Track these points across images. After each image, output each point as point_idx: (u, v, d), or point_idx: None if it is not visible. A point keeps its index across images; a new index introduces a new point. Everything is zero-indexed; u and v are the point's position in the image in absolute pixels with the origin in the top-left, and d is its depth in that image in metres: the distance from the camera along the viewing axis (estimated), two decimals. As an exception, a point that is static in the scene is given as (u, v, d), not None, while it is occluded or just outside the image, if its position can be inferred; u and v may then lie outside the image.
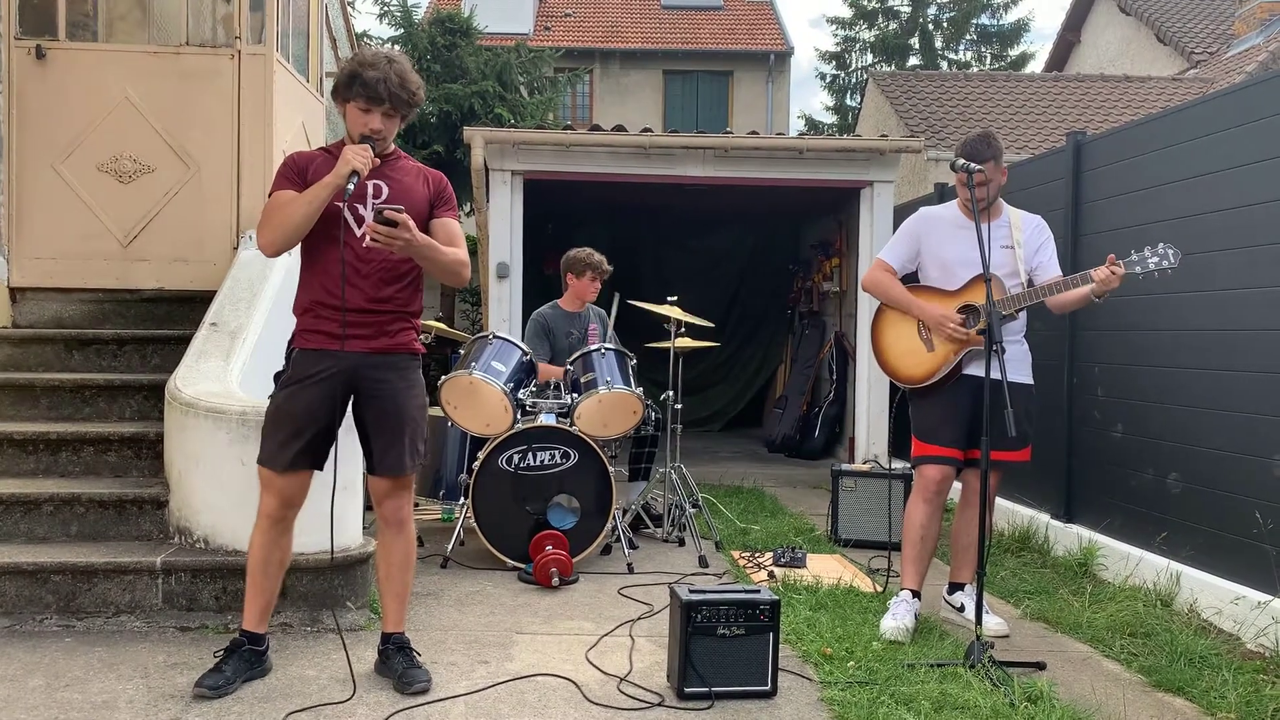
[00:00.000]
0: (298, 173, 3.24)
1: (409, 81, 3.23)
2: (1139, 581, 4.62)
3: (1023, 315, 4.16)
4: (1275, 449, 3.96)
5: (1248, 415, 4.12)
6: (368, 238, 3.11)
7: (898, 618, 4.00)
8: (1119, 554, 4.85)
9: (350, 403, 3.33)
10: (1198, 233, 4.47)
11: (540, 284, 9.42)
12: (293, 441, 3.23)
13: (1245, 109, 4.22)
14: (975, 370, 4.04)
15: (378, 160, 3.22)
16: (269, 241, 3.19)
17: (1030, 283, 4.13)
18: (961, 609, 4.23)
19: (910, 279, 4.31)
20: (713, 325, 5.83)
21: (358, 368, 3.25)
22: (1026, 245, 4.14)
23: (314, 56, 6.59)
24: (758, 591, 3.40)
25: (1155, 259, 3.85)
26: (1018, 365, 4.10)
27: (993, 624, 4.05)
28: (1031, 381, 4.22)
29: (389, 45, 12.96)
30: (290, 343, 3.33)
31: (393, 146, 3.40)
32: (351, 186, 3.09)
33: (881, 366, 4.32)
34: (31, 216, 5.49)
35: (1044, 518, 5.61)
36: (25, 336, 5.17)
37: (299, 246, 3.30)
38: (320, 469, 3.32)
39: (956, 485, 4.23)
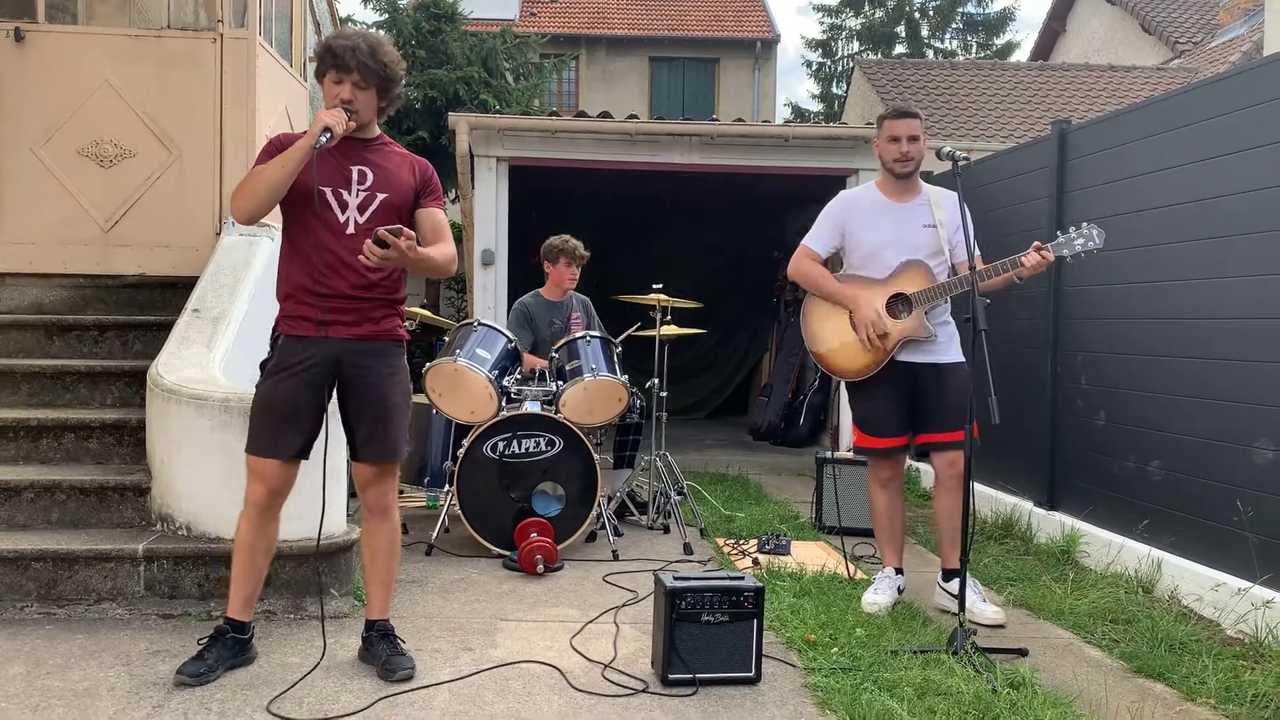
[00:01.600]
0: (280, 152, 3.21)
1: (380, 52, 3.19)
2: (1120, 568, 4.65)
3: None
4: (1255, 437, 3.99)
5: (1228, 403, 4.15)
6: (362, 258, 3.06)
7: (879, 593, 4.13)
8: (1101, 541, 4.88)
9: (335, 389, 3.31)
10: (1181, 221, 4.48)
11: (527, 271, 9.38)
12: (280, 430, 3.22)
13: (1228, 98, 4.24)
14: (908, 357, 4.11)
15: (353, 125, 3.16)
16: (241, 207, 3.13)
17: (951, 260, 4.14)
18: (958, 592, 4.21)
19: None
20: (700, 305, 5.82)
21: (341, 354, 3.23)
22: (949, 224, 4.16)
23: (297, 41, 6.53)
24: (742, 578, 3.41)
25: (1081, 240, 3.93)
26: (946, 345, 4.17)
27: (990, 612, 4.06)
28: (963, 359, 4.21)
29: (373, 29, 12.86)
30: (275, 328, 3.31)
31: (378, 132, 3.37)
32: (325, 139, 3.04)
33: (816, 359, 4.33)
34: (11, 201, 5.43)
35: (1027, 505, 5.64)
36: (4, 322, 5.12)
37: (281, 231, 3.28)
38: (307, 457, 3.30)
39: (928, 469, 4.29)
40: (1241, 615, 3.88)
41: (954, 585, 4.21)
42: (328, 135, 3.06)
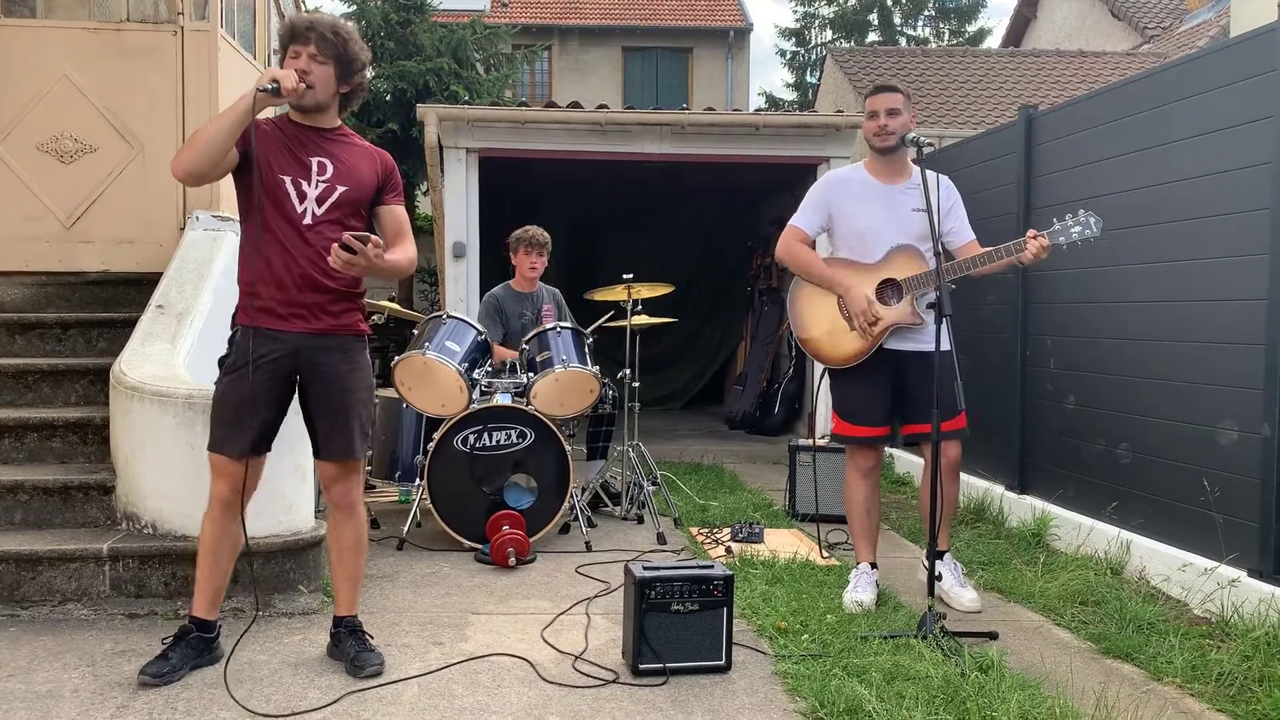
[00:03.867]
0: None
1: (341, 29, 3.16)
2: (1090, 551, 4.68)
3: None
4: (1220, 418, 4.02)
5: (1194, 385, 4.18)
6: (330, 261, 3.05)
7: (859, 592, 4.04)
8: (1071, 524, 4.91)
9: (295, 385, 3.28)
10: (1145, 204, 4.51)
11: (501, 264, 9.35)
12: (240, 427, 3.17)
13: (1191, 82, 4.26)
14: (896, 344, 4.06)
15: (302, 87, 3.09)
16: (181, 160, 3.05)
17: (945, 247, 4.09)
18: (939, 578, 4.17)
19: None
20: (672, 288, 5.81)
21: (300, 349, 3.19)
22: (938, 208, 4.11)
23: (261, 33, 6.47)
24: (711, 567, 3.40)
25: (1078, 228, 3.85)
26: (934, 333, 4.08)
27: (967, 599, 4.07)
28: (949, 348, 4.19)
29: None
30: (233, 320, 3.27)
31: (338, 122, 3.33)
32: (270, 88, 2.98)
33: (803, 345, 4.26)
34: (-31, 198, 5.35)
35: (999, 489, 5.66)
36: (-35, 321, 5.05)
37: (239, 221, 3.24)
38: (269, 450, 3.27)
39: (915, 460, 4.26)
40: (1208, 595, 3.91)
41: (937, 568, 4.23)
42: (273, 85, 2.99)
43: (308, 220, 3.16)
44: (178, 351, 4.40)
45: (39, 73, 5.36)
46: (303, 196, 3.17)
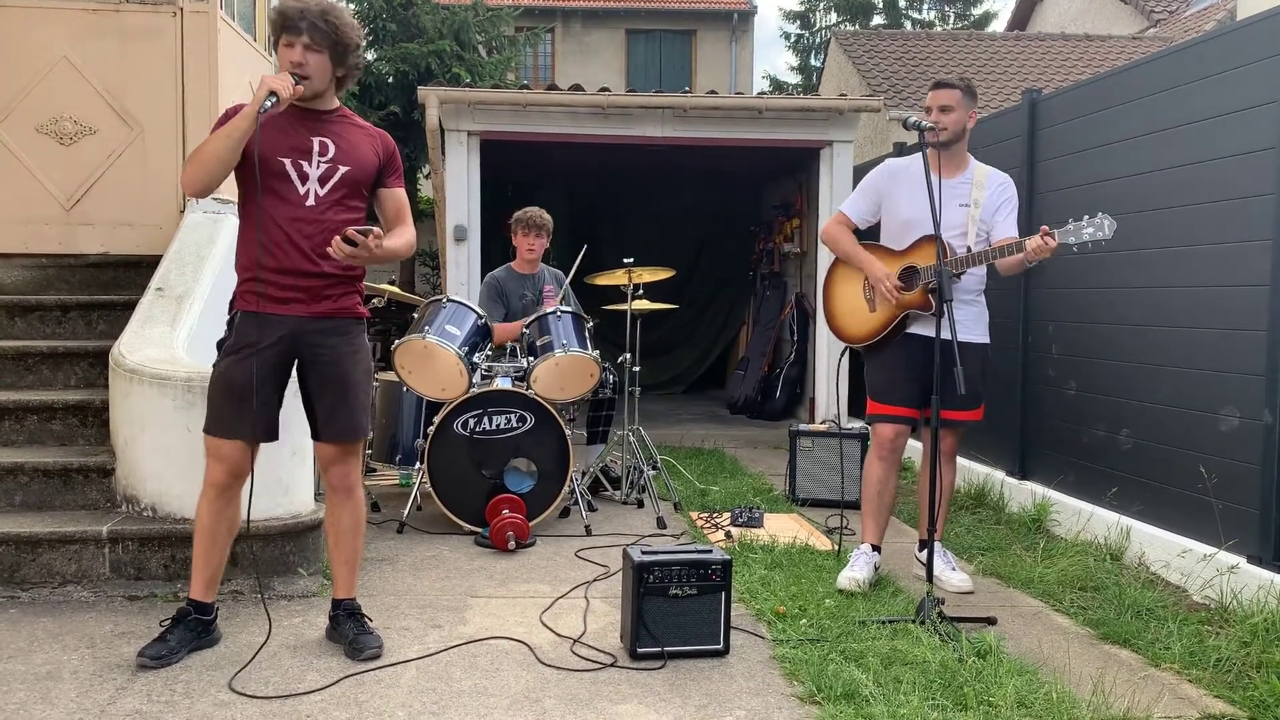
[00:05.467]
0: None
1: (332, 14, 3.13)
2: (1090, 536, 4.68)
3: (978, 274, 4.14)
4: (1220, 404, 4.01)
5: (1195, 372, 4.16)
6: (331, 252, 3.06)
7: (855, 570, 4.06)
8: (1071, 509, 4.91)
9: (294, 368, 3.27)
10: (1148, 189, 4.48)
11: (503, 247, 9.33)
12: (237, 410, 3.17)
13: (1195, 66, 4.23)
14: (921, 330, 4.05)
15: (301, 89, 3.09)
16: (190, 178, 3.07)
17: (989, 241, 4.10)
18: (926, 561, 4.20)
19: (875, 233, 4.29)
20: (673, 273, 5.80)
21: (299, 333, 3.19)
22: (986, 205, 4.09)
23: (261, 15, 6.42)
24: (710, 551, 3.40)
25: (1090, 229, 3.79)
26: (971, 324, 4.09)
27: (956, 580, 4.10)
28: (987, 340, 4.22)
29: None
30: (231, 305, 3.26)
31: (336, 103, 3.31)
32: (270, 104, 2.99)
33: (827, 323, 4.36)
34: (-31, 180, 5.34)
35: (999, 475, 5.66)
36: (-35, 304, 5.05)
37: (238, 204, 3.23)
38: (271, 439, 3.27)
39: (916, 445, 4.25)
40: (1207, 581, 3.91)
41: (925, 555, 4.22)
42: (273, 100, 3.00)
43: (310, 202, 3.15)
44: (177, 334, 4.39)
45: (38, 54, 5.33)
46: (304, 178, 3.16)
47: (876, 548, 4.19)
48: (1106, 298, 4.78)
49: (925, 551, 4.21)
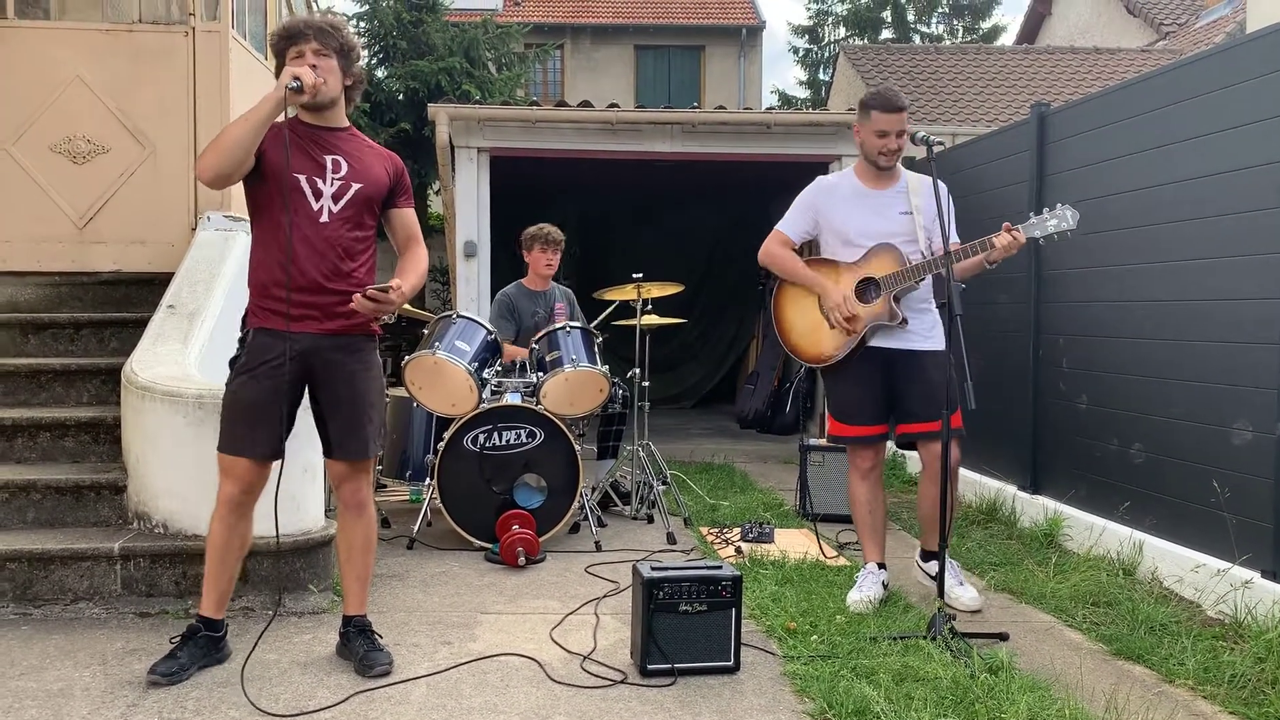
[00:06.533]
0: None
1: (333, 20, 3.20)
2: (1103, 551, 4.65)
3: (926, 283, 4.10)
4: (1234, 418, 3.98)
5: (1208, 385, 4.14)
6: (353, 306, 3.11)
7: (863, 590, 4.03)
8: (1083, 524, 4.88)
9: (306, 385, 3.28)
10: (1158, 203, 4.47)
11: (513, 263, 9.37)
12: (250, 428, 3.18)
13: (1204, 79, 4.22)
14: (881, 342, 4.05)
15: (321, 81, 3.10)
16: (207, 164, 3.06)
17: (930, 247, 4.08)
18: (935, 577, 4.15)
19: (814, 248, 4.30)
20: (682, 288, 5.81)
21: (311, 350, 3.20)
22: (925, 210, 4.08)
23: (272, 34, 6.47)
24: (719, 567, 3.39)
25: (1054, 221, 3.83)
26: (925, 334, 4.08)
27: (967, 597, 4.04)
28: (943, 348, 4.07)
29: (353, 21, 12.81)
30: (244, 322, 3.28)
31: (347, 121, 3.34)
32: (294, 86, 3.00)
33: (785, 345, 4.29)
34: (-17, 199, 5.39)
35: (1011, 489, 5.64)
36: (-21, 321, 5.08)
37: (250, 221, 3.25)
38: (279, 457, 3.27)
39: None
40: (1221, 596, 3.88)
41: (931, 565, 4.20)
42: (297, 83, 3.01)
43: (324, 219, 3.17)
44: (189, 351, 4.41)
45: (52, 74, 5.39)
46: (318, 195, 3.18)
47: (882, 565, 4.17)
48: (1117, 311, 4.77)
49: (930, 562, 4.22)
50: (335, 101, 3.24)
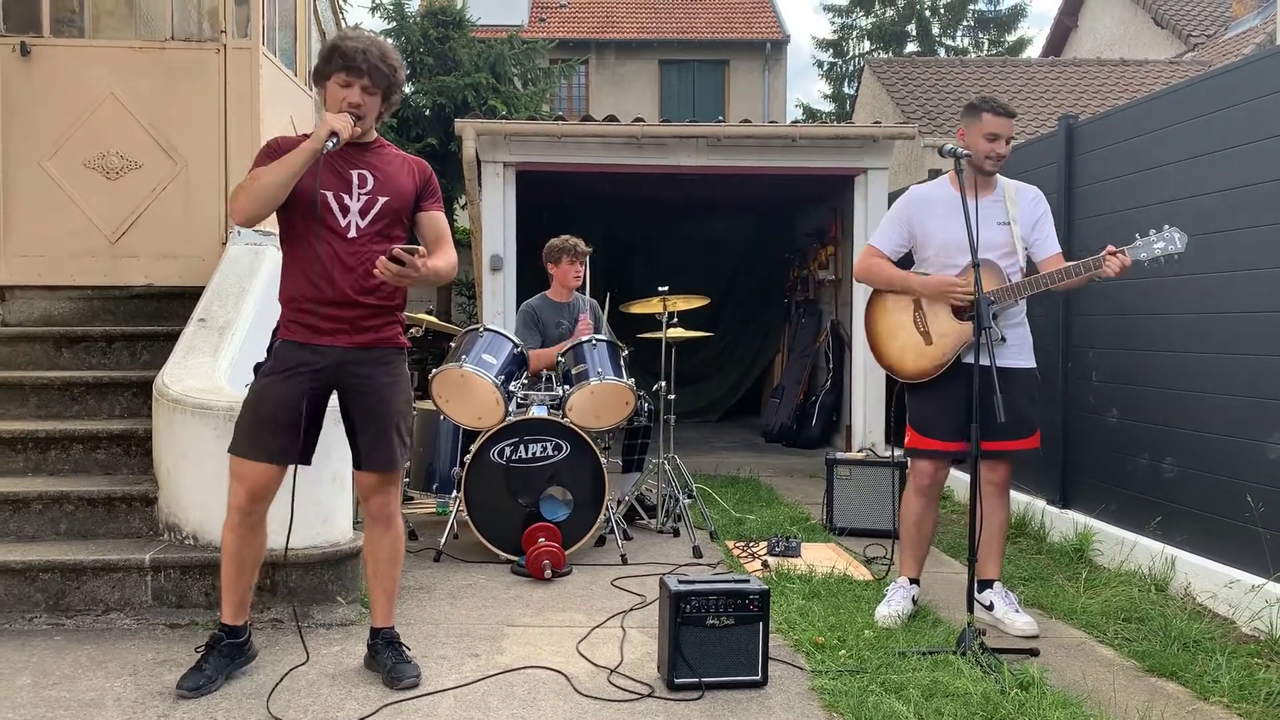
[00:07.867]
0: (280, 154, 3.20)
1: (389, 56, 3.21)
2: (1134, 566, 4.60)
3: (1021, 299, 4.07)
4: (1269, 432, 3.93)
5: (1241, 399, 4.10)
6: (376, 272, 3.10)
7: (892, 604, 3.99)
8: (1114, 539, 4.83)
9: (334, 398, 3.30)
10: (1190, 215, 4.43)
11: (537, 276, 9.39)
12: (264, 432, 3.20)
13: (1234, 90, 4.19)
14: (974, 357, 3.96)
15: (359, 130, 3.16)
16: (241, 208, 3.12)
17: (1029, 259, 4.02)
18: (990, 607, 4.03)
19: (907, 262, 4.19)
20: (708, 300, 5.80)
21: (341, 363, 3.22)
22: (1022, 221, 4.01)
23: (302, 50, 6.55)
24: (747, 581, 3.38)
25: (1161, 244, 3.68)
26: (1017, 350, 4.00)
27: (1020, 623, 3.92)
28: (1034, 365, 4.10)
29: (381, 37, 12.91)
30: (274, 334, 3.31)
31: (375, 135, 3.37)
32: (331, 145, 3.05)
33: (879, 361, 4.16)
34: (18, 214, 5.47)
35: (1040, 504, 5.59)
36: (13, 335, 5.15)
37: (280, 238, 3.28)
38: (298, 462, 3.27)
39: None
40: (1256, 612, 3.82)
41: (984, 596, 4.05)
42: (334, 141, 3.07)
43: (352, 234, 3.20)
44: (219, 364, 4.46)
45: (86, 91, 5.47)
46: (345, 210, 3.21)
47: (915, 580, 4.13)
48: (1148, 324, 4.73)
49: (984, 593, 4.06)
50: (370, 130, 3.28)
